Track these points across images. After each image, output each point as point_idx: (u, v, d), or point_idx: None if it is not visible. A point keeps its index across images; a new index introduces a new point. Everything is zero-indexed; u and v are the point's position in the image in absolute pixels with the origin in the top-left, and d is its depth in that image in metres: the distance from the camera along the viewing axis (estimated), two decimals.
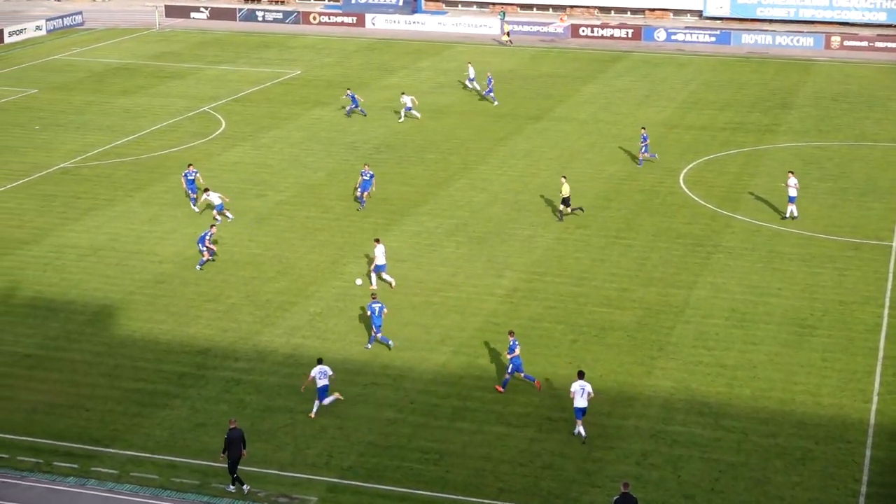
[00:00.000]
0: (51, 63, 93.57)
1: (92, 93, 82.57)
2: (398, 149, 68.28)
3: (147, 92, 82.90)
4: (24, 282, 48.41)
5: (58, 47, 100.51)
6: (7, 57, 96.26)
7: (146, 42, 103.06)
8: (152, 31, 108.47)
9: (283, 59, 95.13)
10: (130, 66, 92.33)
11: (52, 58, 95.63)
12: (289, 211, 57.41)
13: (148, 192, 59.98)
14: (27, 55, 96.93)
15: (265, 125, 73.70)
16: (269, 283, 48.39)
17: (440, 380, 40.42)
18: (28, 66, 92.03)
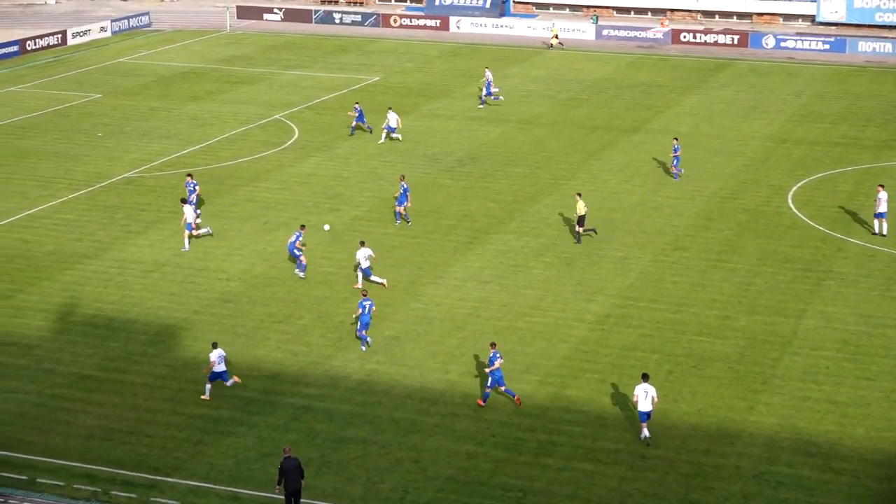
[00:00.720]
0: (115, 66, 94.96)
1: (158, 98, 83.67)
2: (482, 161, 68.39)
3: (216, 98, 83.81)
4: (83, 298, 49.09)
5: (123, 50, 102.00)
6: (70, 59, 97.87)
7: (216, 45, 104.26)
8: (222, 34, 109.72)
9: (361, 65, 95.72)
10: (199, 70, 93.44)
11: (117, 61, 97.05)
12: (364, 227, 57.68)
13: (215, 205, 60.58)
14: (91, 58, 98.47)
15: (341, 135, 74.17)
16: (343, 304, 48.62)
17: (524, 411, 40.31)
18: (92, 70, 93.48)
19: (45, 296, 49.35)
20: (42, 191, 62.62)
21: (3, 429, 38.84)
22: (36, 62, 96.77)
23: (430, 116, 79.03)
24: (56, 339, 45.41)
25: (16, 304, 48.44)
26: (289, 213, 59.21)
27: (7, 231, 56.78)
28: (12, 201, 60.77)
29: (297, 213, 59.09)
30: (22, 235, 56.23)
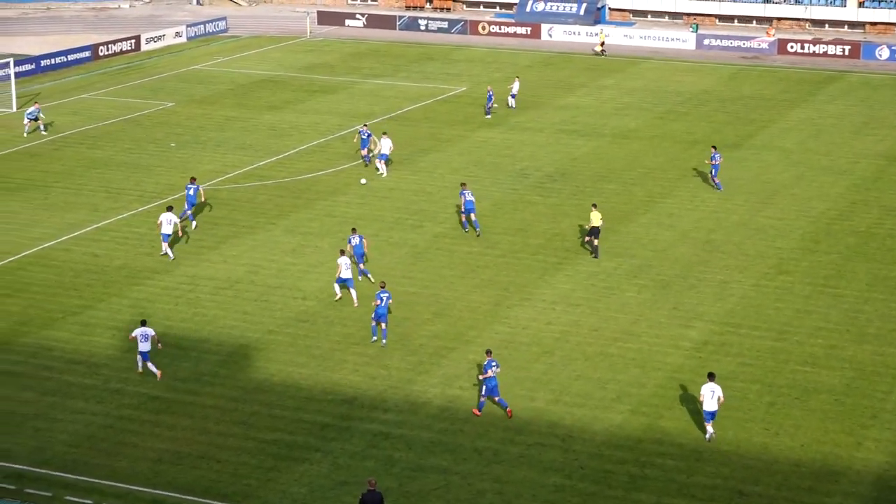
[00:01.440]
0: (190, 73, 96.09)
1: (234, 107, 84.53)
2: (574, 177, 68.34)
3: (295, 108, 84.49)
4: (153, 316, 49.63)
5: (198, 56, 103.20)
6: (144, 66, 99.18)
7: (295, 52, 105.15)
8: (302, 40, 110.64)
9: (447, 74, 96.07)
10: (277, 78, 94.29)
11: (193, 68, 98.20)
12: (448, 245, 57.84)
13: (292, 219, 61.06)
14: (165, 64, 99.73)
15: (425, 147, 74.47)
16: (424, 326, 48.77)
17: (615, 443, 40.19)
18: (166, 77, 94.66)
19: (113, 312, 50.00)
20: (112, 202, 63.49)
21: (70, 451, 39.39)
22: (108, 68, 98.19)
23: (518, 129, 79.12)
24: (125, 357, 45.96)
25: (84, 321, 49.12)
26: (368, 228, 59.51)
27: (76, 244, 57.62)
28: (82, 213, 61.66)
29: (377, 228, 59.41)
30: (91, 249, 57.04)
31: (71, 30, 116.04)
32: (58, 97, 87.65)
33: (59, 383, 43.88)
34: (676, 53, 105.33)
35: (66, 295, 51.58)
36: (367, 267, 53.81)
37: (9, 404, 42.28)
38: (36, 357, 45.91)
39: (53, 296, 51.60)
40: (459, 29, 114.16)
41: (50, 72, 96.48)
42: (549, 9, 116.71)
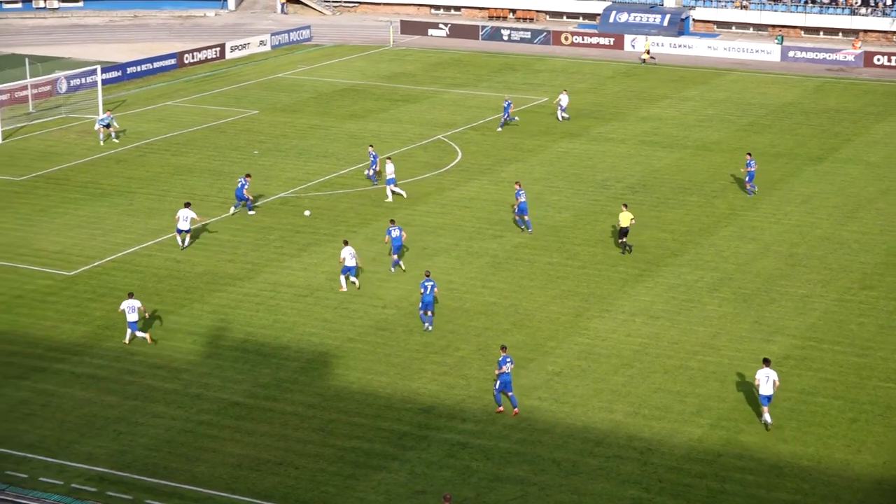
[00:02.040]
0: (274, 81, 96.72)
1: (317, 116, 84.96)
2: (655, 189, 68.03)
3: (376, 116, 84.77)
4: (234, 322, 49.99)
5: (282, 64, 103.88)
6: (228, 74, 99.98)
7: (378, 61, 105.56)
8: (385, 49, 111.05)
9: (529, 84, 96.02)
10: (360, 87, 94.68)
11: (276, 76, 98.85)
12: (528, 255, 57.78)
13: (373, 227, 61.24)
14: (249, 72, 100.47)
15: (506, 157, 74.46)
16: (503, 336, 48.71)
17: (694, 456, 39.93)
18: (250, 85, 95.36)
19: (195, 318, 50.40)
20: (195, 209, 63.89)
21: (150, 454, 39.74)
22: (193, 76, 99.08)
23: (600, 140, 78.91)
24: (205, 363, 46.33)
25: (165, 326, 49.55)
26: (449, 238, 59.60)
27: (159, 250, 58.15)
28: (165, 219, 62.21)
29: (457, 238, 59.47)
30: (174, 255, 57.53)
31: (157, 38, 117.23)
32: (143, 104, 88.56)
33: (141, 387, 44.30)
34: (761, 65, 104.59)
35: (149, 300, 52.05)
36: (402, 259, 55.52)
37: (92, 407, 42.75)
38: (119, 361, 46.38)
39: None
40: (542, 39, 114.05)
41: (136, 79, 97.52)
42: (633, 20, 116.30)
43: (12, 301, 51.92)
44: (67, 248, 58.34)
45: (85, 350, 47.26)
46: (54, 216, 62.93)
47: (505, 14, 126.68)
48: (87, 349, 47.34)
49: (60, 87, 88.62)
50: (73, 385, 44.41)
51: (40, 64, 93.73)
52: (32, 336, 48.56)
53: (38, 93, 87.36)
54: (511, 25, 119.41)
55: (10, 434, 40.83)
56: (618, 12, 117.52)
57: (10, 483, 37.93)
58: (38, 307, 51.37)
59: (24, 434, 40.87)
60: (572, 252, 58.17)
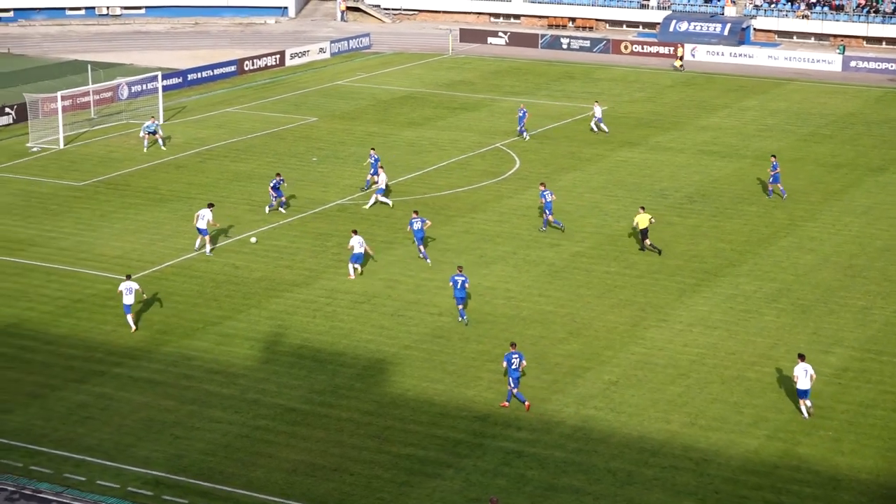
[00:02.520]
0: (333, 89, 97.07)
1: (375, 123, 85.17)
2: (714, 199, 67.73)
3: (435, 124, 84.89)
4: (291, 328, 50.18)
5: (341, 72, 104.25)
6: (288, 81, 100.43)
7: (437, 69, 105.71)
8: (444, 57, 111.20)
9: (588, 93, 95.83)
10: (418, 94, 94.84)
11: (335, 83, 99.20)
12: (586, 264, 57.66)
13: (430, 235, 61.27)
14: (309, 79, 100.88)
15: (564, 166, 74.37)
16: (560, 345, 48.65)
17: (751, 468, 39.69)
18: (309, 92, 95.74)
19: (252, 324, 50.64)
20: (254, 215, 64.31)
21: (206, 459, 39.95)
22: (253, 83, 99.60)
23: (659, 149, 78.68)
24: (262, 368, 46.53)
25: (223, 332, 49.81)
26: (506, 246, 59.59)
27: (218, 255, 58.46)
28: (224, 225, 62.53)
29: (514, 246, 59.45)
30: (232, 261, 57.83)
31: (218, 45, 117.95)
32: (203, 111, 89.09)
33: (198, 392, 44.54)
34: (822, 75, 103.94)
35: (207, 305, 52.38)
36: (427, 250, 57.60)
37: (149, 412, 43.02)
38: (176, 366, 46.66)
39: (194, 306, 52.42)
40: (601, 48, 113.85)
41: (196, 85, 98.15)
42: (693, 29, 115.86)
43: (73, 305, 52.37)
44: (127, 252, 58.77)
45: (143, 354, 47.59)
46: (114, 221, 63.42)
47: (564, 23, 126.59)
48: (145, 353, 47.67)
49: (122, 93, 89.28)
50: (131, 389, 44.72)
51: (102, 70, 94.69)
52: (92, 340, 48.95)
53: (100, 99, 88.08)
54: (570, 34, 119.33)
55: (69, 437, 41.17)
56: (678, 21, 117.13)
57: (68, 486, 38.25)
58: (98, 311, 51.78)
59: (83, 437, 41.20)
60: (630, 261, 58.00)
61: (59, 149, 78.03)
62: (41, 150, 77.78)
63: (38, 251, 58.80)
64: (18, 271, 56.27)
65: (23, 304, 52.36)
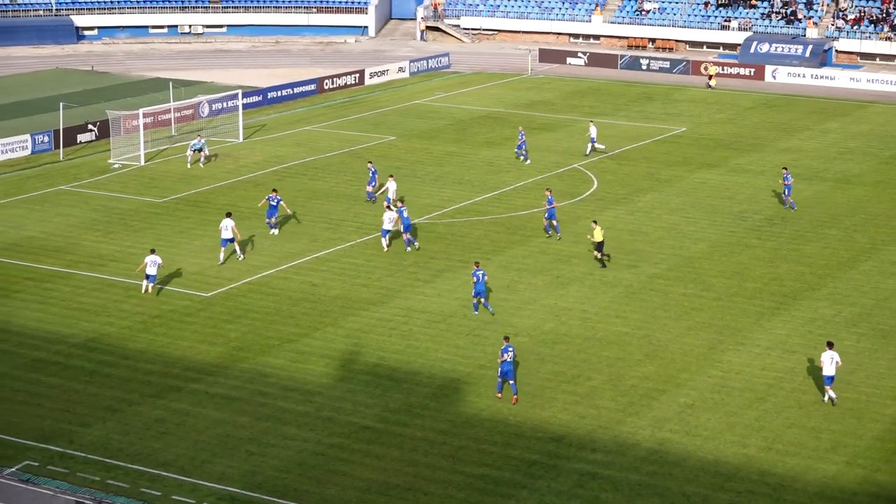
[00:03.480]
0: (412, 108, 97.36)
1: (453, 142, 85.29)
2: (794, 222, 67.17)
3: (512, 144, 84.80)
4: (367, 346, 50.29)
5: (420, 91, 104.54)
6: (367, 100, 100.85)
7: (516, 89, 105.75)
8: (523, 77, 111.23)
9: (667, 114, 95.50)
10: (497, 114, 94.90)
11: (414, 102, 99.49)
12: (663, 286, 57.36)
13: (507, 255, 61.27)
14: (388, 98, 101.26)
15: (642, 187, 74.08)
16: (636, 367, 48.41)
17: (829, 494, 39.24)
18: (388, 111, 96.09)
19: (328, 341, 50.80)
20: (331, 233, 64.59)
21: (280, 476, 40.09)
22: (332, 101, 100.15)
23: (738, 171, 78.18)
24: (337, 386, 46.65)
25: (299, 349, 50.01)
26: (582, 267, 59.42)
27: (295, 273, 58.75)
28: (301, 243, 62.87)
29: (591, 267, 59.26)
30: (309, 278, 58.08)
31: (298, 63, 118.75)
32: (282, 129, 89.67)
33: (274, 409, 44.73)
34: None
35: (283, 323, 52.63)
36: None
37: (225, 428, 43.25)
38: (252, 382, 46.89)
39: (271, 323, 52.69)
40: (681, 69, 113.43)
41: (276, 104, 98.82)
42: (774, 50, 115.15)
43: (151, 321, 52.81)
44: (205, 269, 59.21)
45: (219, 371, 47.87)
46: (193, 238, 63.93)
47: (644, 43, 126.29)
48: (221, 370, 47.96)
49: (202, 110, 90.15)
50: (207, 405, 45.00)
51: (183, 88, 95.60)
52: (169, 356, 49.33)
53: (181, 116, 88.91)
54: (650, 55, 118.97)
55: (146, 452, 41.48)
56: (759, 43, 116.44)
57: (144, 500, 38.52)
58: (176, 327, 52.18)
59: (159, 452, 41.50)
60: (707, 283, 57.64)
61: (140, 165, 78.85)
62: (122, 167, 78.63)
63: (118, 267, 59.39)
64: (99, 287, 56.86)
65: (102, 320, 52.90)
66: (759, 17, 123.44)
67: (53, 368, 47.94)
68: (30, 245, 62.70)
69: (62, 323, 52.46)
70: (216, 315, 53.40)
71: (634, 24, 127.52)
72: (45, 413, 44.18)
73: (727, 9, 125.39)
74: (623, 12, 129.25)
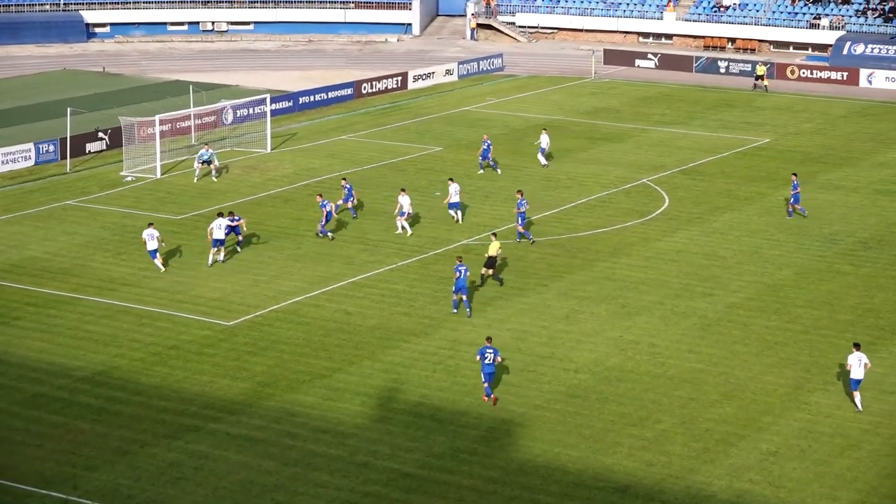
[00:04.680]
0: (460, 115, 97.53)
1: (507, 154, 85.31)
2: (892, 245, 66.83)
3: (574, 156, 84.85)
4: (408, 382, 50.28)
5: (470, 96, 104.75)
6: (410, 106, 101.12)
7: (577, 94, 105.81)
8: (586, 81, 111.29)
9: (749, 123, 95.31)
10: (556, 123, 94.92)
11: (463, 109, 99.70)
12: (742, 317, 57.14)
13: (566, 281, 61.21)
14: (433, 105, 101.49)
15: (720, 205, 73.89)
16: (711, 408, 48.22)
17: None
18: (434, 119, 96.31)
19: (364, 377, 50.83)
20: (369, 255, 64.71)
21: None
22: (371, 108, 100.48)
23: (829, 188, 77.90)
24: (374, 427, 46.66)
25: (332, 385, 50.05)
26: (652, 295, 59.28)
27: (328, 300, 58.85)
28: (335, 266, 62.99)
29: (661, 295, 59.13)
30: (344, 306, 58.17)
31: (333, 65, 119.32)
32: (315, 138, 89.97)
33: (303, 453, 44.80)
34: None
35: (315, 355, 52.73)
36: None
37: (248, 473, 43.34)
38: (279, 423, 46.96)
39: (300, 356, 52.79)
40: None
41: (308, 110, 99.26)
42: (870, 52, 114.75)
43: (166, 352, 53.02)
44: (227, 295, 59.43)
45: (242, 409, 47.96)
46: None
47: (723, 44, 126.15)
48: (245, 408, 48.04)
49: (226, 117, 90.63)
50: (229, 447, 45.10)
51: (205, 92, 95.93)
52: (186, 392, 49.49)
53: (202, 123, 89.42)
54: (729, 56, 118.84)
55: (159, 499, 41.59)
56: (853, 44, 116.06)
57: None
58: (194, 360, 52.37)
59: (174, 499, 41.59)
60: (793, 315, 57.39)
61: (156, 178, 79.31)
62: (136, 180, 79.10)
63: (130, 291, 59.71)
64: (108, 314, 57.16)
65: (112, 351, 53.15)
66: (853, 15, 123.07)
67: (57, 405, 48.18)
68: (32, 266, 63.16)
69: (67, 354, 52.74)
70: (239, 346, 53.56)
71: (712, 21, 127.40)
72: (47, 455, 44.38)
73: (816, 5, 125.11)
74: (699, 9, 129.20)
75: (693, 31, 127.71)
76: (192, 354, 52.91)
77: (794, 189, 70.78)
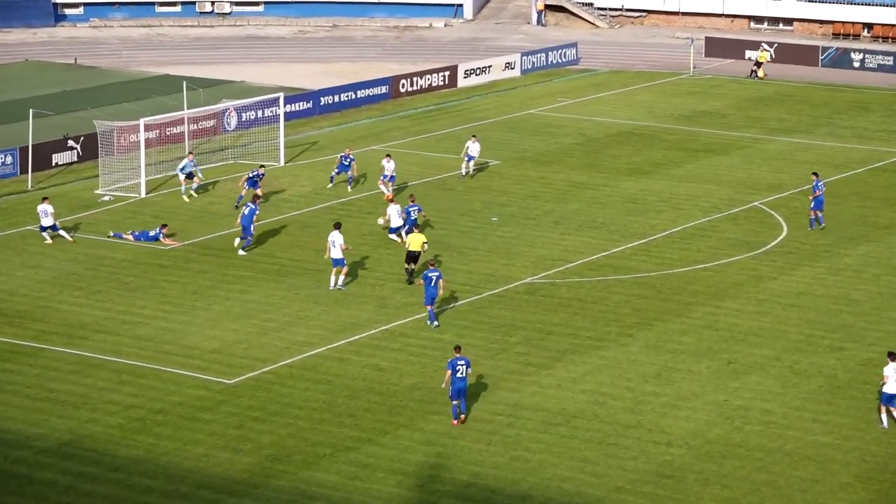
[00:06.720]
0: (523, 120, 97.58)
1: (582, 169, 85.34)
2: None
3: (667, 172, 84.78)
4: (456, 457, 50.17)
5: (535, 96, 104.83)
6: (460, 108, 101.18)
7: (672, 93, 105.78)
8: (683, 77, 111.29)
9: (890, 131, 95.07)
10: (644, 130, 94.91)
11: (527, 112, 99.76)
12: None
13: (657, 330, 61.08)
14: (490, 106, 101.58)
15: (852, 235, 73.66)
16: (842, 493, 47.87)
17: None
18: (490, 124, 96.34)
19: (400, 450, 50.77)
20: (406, 296, 64.64)
21: None
22: (411, 110, 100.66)
23: None
24: None
25: (359, 460, 49.99)
26: (766, 349, 59.06)
27: (356, 353, 58.80)
28: (365, 309, 62.98)
29: (777, 349, 58.92)
30: (375, 360, 58.13)
31: (363, 56, 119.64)
32: (340, 147, 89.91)
33: None
34: None
35: (338, 423, 52.69)
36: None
37: None
38: None
39: (320, 423, 52.77)
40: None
41: (332, 112, 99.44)
42: None
43: (151, 417, 53.08)
44: (228, 345, 59.51)
45: (247, 489, 47.94)
46: (212, 301, 64.29)
47: (857, 31, 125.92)
48: (250, 488, 48.02)
49: (228, 121, 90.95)
50: None
51: (202, 89, 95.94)
52: (176, 467, 49.51)
53: (198, 129, 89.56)
54: (865, 47, 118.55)
55: None
56: None
57: None
58: (186, 427, 52.41)
59: None
60: None
61: (140, 198, 79.54)
62: (114, 200, 79.31)
63: (106, 340, 59.84)
64: (78, 367, 57.27)
65: (83, 415, 53.23)
66: None
67: (12, 483, 48.26)
68: None
69: (26, 419, 52.84)
70: (243, 410, 53.55)
71: (842, 3, 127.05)
72: None
73: None
74: None
75: (819, 15, 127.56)
76: (183, 420, 52.94)
77: (816, 191, 72.38)
